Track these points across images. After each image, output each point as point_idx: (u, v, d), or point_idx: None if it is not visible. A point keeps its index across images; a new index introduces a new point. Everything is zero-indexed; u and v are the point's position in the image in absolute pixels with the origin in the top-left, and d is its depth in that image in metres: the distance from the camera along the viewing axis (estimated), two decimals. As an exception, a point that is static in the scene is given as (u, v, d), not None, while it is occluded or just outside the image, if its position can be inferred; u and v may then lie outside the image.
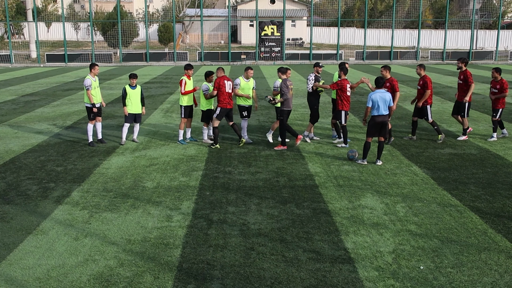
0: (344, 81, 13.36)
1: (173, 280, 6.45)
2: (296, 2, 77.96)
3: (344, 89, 13.31)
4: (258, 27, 51.88)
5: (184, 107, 14.03)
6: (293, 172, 11.29)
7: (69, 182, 10.66)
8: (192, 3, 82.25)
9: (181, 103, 14.07)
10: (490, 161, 12.15)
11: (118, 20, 51.24)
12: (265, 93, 25.12)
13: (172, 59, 51.90)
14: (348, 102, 13.54)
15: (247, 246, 7.44)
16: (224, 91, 13.31)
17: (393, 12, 53.08)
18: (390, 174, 11.13)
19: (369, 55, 53.18)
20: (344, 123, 13.56)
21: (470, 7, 72.10)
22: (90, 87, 13.69)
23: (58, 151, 13.45)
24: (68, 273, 6.64)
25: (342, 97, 13.41)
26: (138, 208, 9.09)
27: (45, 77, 36.45)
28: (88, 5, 67.46)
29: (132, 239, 7.71)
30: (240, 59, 52.03)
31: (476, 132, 15.53)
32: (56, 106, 21.59)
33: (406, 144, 13.99)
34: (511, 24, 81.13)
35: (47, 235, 7.89)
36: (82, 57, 51.50)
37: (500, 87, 14.20)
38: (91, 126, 14.03)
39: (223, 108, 13.36)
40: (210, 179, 10.80)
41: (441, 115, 18.68)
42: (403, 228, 8.09)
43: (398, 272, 6.63)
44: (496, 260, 6.98)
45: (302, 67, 44.17)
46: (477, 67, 44.64)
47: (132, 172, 11.43)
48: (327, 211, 8.88)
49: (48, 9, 79.77)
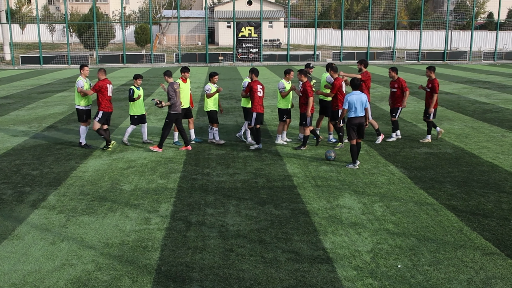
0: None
1: (152, 283, 6.42)
2: (273, 4, 78.21)
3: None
4: (236, 28, 51.87)
5: (186, 109, 14.05)
6: (272, 173, 11.31)
7: (45, 186, 10.53)
8: (169, 4, 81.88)
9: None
10: (465, 160, 12.33)
11: (94, 21, 50.77)
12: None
13: (149, 60, 51.59)
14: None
15: (226, 247, 7.43)
16: (106, 94, 13.30)
17: (369, 13, 53.54)
18: (368, 174, 11.22)
19: (346, 55, 53.55)
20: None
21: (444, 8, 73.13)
22: (82, 88, 13.57)
23: (34, 154, 13.27)
24: (45, 278, 6.56)
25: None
26: (115, 211, 9.01)
27: (19, 79, 35.92)
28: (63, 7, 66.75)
29: (110, 243, 7.64)
30: (217, 60, 51.95)
31: (451, 131, 15.74)
32: (31, 109, 21.30)
33: (383, 144, 14.12)
34: (484, 25, 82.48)
35: (22, 240, 7.78)
36: (58, 59, 50.88)
37: (398, 86, 14.10)
38: (84, 128, 13.96)
39: (105, 111, 13.32)
40: (188, 181, 10.76)
41: (417, 115, 18.90)
42: (380, 227, 8.17)
43: (376, 271, 6.69)
44: (472, 257, 7.08)
45: (279, 68, 44.29)
46: (452, 68, 45.28)
47: (110, 175, 11.33)
48: (305, 211, 8.92)
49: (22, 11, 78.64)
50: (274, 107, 20.13)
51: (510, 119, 17.89)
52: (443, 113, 19.26)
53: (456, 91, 26.45)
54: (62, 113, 19.79)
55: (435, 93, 14.11)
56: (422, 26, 54.03)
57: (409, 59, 54.21)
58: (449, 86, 28.90)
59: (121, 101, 23.29)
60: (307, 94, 13.09)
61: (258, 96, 13.28)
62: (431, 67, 14.41)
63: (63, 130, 16.47)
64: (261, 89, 13.37)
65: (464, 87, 28.42)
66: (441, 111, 19.75)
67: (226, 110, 20.35)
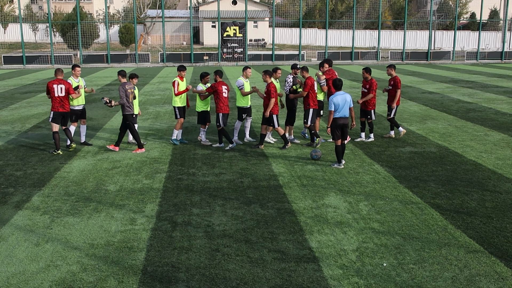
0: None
1: (138, 283, 6.39)
2: (258, 3, 78.25)
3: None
4: (220, 28, 51.81)
5: (179, 108, 14.02)
6: (257, 173, 11.31)
7: (29, 187, 10.43)
8: (153, 4, 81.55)
9: (174, 104, 14.09)
10: (449, 159, 12.45)
11: (78, 21, 50.38)
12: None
13: (134, 60, 51.31)
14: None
15: (212, 247, 7.42)
16: (53, 95, 13.12)
17: (353, 13, 53.79)
18: (353, 173, 11.28)
19: (330, 55, 53.72)
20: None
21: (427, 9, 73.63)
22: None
23: (17, 155, 13.13)
24: (29, 280, 6.50)
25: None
26: (101, 211, 8.96)
27: (2, 79, 35.53)
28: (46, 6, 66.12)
29: (95, 243, 7.60)
30: (202, 60, 51.85)
31: (435, 131, 15.88)
32: (14, 109, 21.08)
33: (368, 143, 14.19)
34: (467, 25, 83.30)
35: (6, 242, 7.69)
36: (41, 59, 50.40)
37: (369, 87, 14.12)
38: (74, 128, 13.97)
39: (54, 111, 13.16)
40: (174, 181, 10.73)
41: (401, 113, 19.03)
42: (366, 226, 8.21)
43: (362, 270, 6.73)
44: (456, 255, 7.15)
45: (264, 67, 44.31)
46: (435, 67, 45.66)
47: (94, 175, 11.25)
48: (291, 211, 8.94)
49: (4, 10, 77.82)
50: (260, 106, 20.12)
51: (492, 118, 18.09)
52: (426, 112, 19.43)
53: (439, 91, 26.68)
54: (46, 114, 19.60)
55: (397, 89, 14.31)
56: (406, 26, 54.44)
57: (393, 59, 54.56)
58: (433, 86, 29.15)
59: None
60: (269, 95, 13.18)
61: (224, 97, 13.36)
62: (391, 65, 14.59)
63: (47, 130, 16.31)
64: (226, 90, 13.45)
65: (448, 87, 28.69)
66: (425, 110, 19.92)
67: (212, 110, 20.31)
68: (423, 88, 27.84)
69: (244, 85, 13.82)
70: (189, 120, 17.85)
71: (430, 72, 39.78)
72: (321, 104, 14.35)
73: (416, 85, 29.46)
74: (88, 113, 19.69)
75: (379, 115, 18.31)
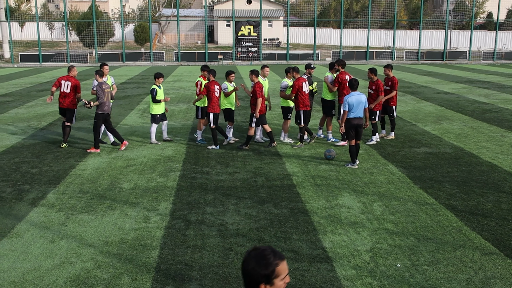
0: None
1: (151, 281, 6.42)
2: (272, 3, 78.12)
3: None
4: (235, 27, 51.85)
5: (202, 108, 14.06)
6: (271, 172, 11.31)
7: (45, 184, 10.52)
8: (168, 3, 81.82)
9: (197, 104, 14.14)
10: (465, 160, 12.34)
11: (94, 20, 50.72)
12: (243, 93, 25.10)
13: (149, 59, 51.54)
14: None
15: (225, 246, 7.43)
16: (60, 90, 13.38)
17: (368, 13, 53.54)
18: (367, 173, 11.23)
19: (345, 55, 53.52)
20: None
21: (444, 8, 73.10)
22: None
23: (33, 152, 13.26)
24: (44, 276, 6.56)
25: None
26: (115, 209, 9.01)
27: (19, 77, 35.88)
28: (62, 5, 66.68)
29: (109, 241, 7.64)
30: (217, 59, 51.92)
31: (451, 131, 15.75)
32: (30, 107, 21.28)
33: (383, 143, 14.12)
34: (483, 24, 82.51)
35: (22, 238, 7.77)
36: (57, 57, 50.82)
37: (376, 88, 13.92)
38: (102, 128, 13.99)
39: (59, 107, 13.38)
40: (187, 180, 10.76)
41: (416, 114, 18.91)
42: (380, 227, 8.17)
43: (375, 271, 6.70)
44: (471, 257, 7.09)
45: (279, 67, 44.25)
46: (451, 67, 45.30)
47: (109, 173, 11.33)
48: (304, 210, 8.92)
49: (22, 9, 78.58)
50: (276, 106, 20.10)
51: (509, 119, 17.90)
52: (442, 113, 19.28)
53: (455, 91, 26.46)
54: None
55: (394, 90, 14.20)
56: (421, 25, 54.07)
57: (409, 59, 54.22)
58: (449, 86, 28.92)
59: (121, 99, 23.29)
60: (255, 95, 13.15)
61: (216, 97, 13.37)
62: (388, 65, 14.43)
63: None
64: (218, 89, 13.46)
65: (464, 87, 28.44)
66: (440, 111, 19.77)
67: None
68: (438, 89, 27.63)
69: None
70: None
71: (445, 72, 39.47)
72: (333, 104, 14.29)
73: (431, 85, 29.25)
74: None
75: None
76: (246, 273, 2.89)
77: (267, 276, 2.84)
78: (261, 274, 2.83)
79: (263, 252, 2.89)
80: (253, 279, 2.86)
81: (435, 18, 75.50)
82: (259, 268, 2.85)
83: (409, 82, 31.36)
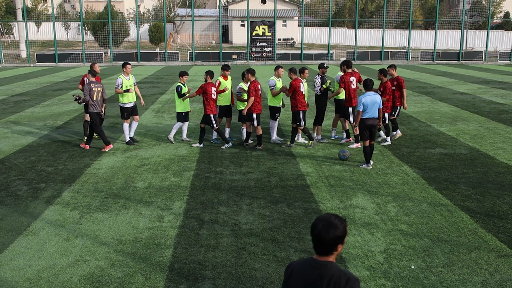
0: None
1: (165, 280, 6.44)
2: (287, 2, 78.02)
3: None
4: (249, 27, 51.86)
5: (220, 107, 14.06)
6: (285, 172, 11.30)
7: (60, 183, 10.61)
8: (183, 3, 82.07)
9: (217, 103, 14.14)
10: (480, 161, 12.23)
11: (109, 19, 51.04)
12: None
13: (163, 59, 51.75)
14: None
15: (238, 246, 7.44)
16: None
17: (383, 13, 53.25)
18: (381, 174, 11.17)
19: (360, 55, 53.32)
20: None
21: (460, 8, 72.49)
22: (120, 86, 13.73)
23: (49, 151, 13.38)
24: (59, 274, 6.62)
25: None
26: (129, 208, 9.06)
27: (35, 77, 36.23)
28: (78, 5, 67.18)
29: (123, 240, 7.69)
30: (231, 59, 51.98)
31: (466, 132, 15.62)
32: (46, 106, 21.47)
33: (397, 144, 14.04)
34: (500, 24, 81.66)
35: (37, 236, 7.85)
36: (73, 57, 51.24)
37: (383, 90, 13.60)
38: (127, 125, 14.07)
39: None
40: (201, 179, 10.79)
41: (431, 115, 18.77)
42: (394, 228, 8.12)
43: (389, 272, 6.66)
44: (486, 259, 7.02)
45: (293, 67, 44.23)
46: (467, 68, 44.90)
47: (123, 172, 11.39)
48: (318, 211, 8.90)
49: (38, 9, 79.25)
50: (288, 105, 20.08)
51: (526, 120, 17.70)
52: (457, 113, 19.12)
53: (471, 91, 26.22)
54: (77, 111, 19.92)
55: (402, 89, 14.02)
56: (437, 25, 53.66)
57: (424, 59, 53.85)
58: (464, 86, 28.67)
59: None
60: (249, 94, 13.16)
61: (212, 98, 13.38)
62: (392, 65, 14.14)
63: (78, 127, 16.58)
64: (215, 91, 13.48)
65: (480, 87, 28.18)
66: (455, 111, 19.61)
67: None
68: (454, 89, 27.40)
69: (276, 85, 13.78)
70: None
71: (461, 72, 39.13)
72: (343, 103, 14.23)
73: (447, 86, 29.01)
74: (118, 111, 19.95)
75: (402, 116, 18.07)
76: (327, 241, 3.43)
77: (342, 237, 3.44)
78: (339, 236, 3.41)
79: (332, 220, 3.46)
80: (333, 244, 3.43)
81: (451, 18, 74.87)
82: (337, 233, 3.41)
83: (424, 82, 31.14)
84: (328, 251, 3.46)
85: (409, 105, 20.93)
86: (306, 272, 3.51)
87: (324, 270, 3.44)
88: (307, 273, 3.51)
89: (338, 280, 3.38)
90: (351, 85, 13.55)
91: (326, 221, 3.45)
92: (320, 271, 3.45)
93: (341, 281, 3.37)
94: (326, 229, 3.42)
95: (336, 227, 3.43)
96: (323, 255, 3.49)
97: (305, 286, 3.48)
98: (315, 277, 3.45)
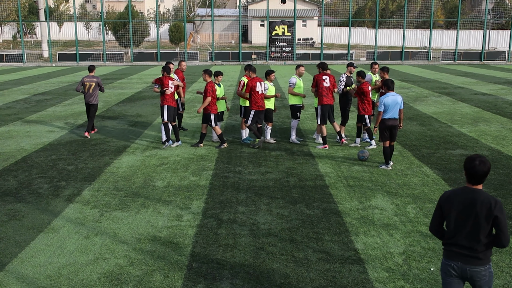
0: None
1: (183, 279, 6.47)
2: (307, 2, 77.88)
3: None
4: (269, 27, 51.85)
5: (245, 108, 14.09)
6: (303, 172, 11.27)
7: (80, 181, 10.72)
8: (203, 3, 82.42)
9: (241, 104, 14.20)
10: (502, 163, 12.06)
11: (130, 19, 51.45)
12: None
13: (183, 58, 52.00)
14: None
15: (257, 246, 7.44)
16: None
17: (404, 12, 52.83)
18: (401, 175, 11.08)
19: (380, 55, 52.97)
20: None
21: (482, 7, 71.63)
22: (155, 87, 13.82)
23: (70, 150, 13.53)
24: (79, 271, 6.68)
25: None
26: (148, 207, 9.12)
27: (56, 76, 36.67)
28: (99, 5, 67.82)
29: (142, 238, 7.74)
30: (250, 59, 52.02)
31: (488, 133, 15.42)
32: (67, 105, 21.72)
33: (417, 144, 13.91)
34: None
35: (58, 233, 7.94)
36: (94, 57, 51.76)
37: (362, 92, 13.15)
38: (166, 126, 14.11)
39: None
40: (220, 179, 10.81)
41: (452, 115, 18.57)
42: (413, 229, 8.05)
43: (408, 274, 6.61)
44: (508, 262, 6.93)
45: (313, 67, 44.06)
46: (489, 68, 44.34)
47: (143, 171, 11.47)
48: (337, 211, 8.86)
49: (60, 9, 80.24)
50: (309, 105, 20.02)
51: (549, 121, 17.41)
52: (479, 114, 18.89)
53: (493, 92, 25.88)
54: (97, 110, 20.10)
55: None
56: (459, 25, 53.04)
57: (445, 59, 53.30)
58: (486, 87, 28.31)
59: (155, 98, 23.54)
60: (206, 94, 13.13)
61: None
62: (384, 67, 13.43)
63: (98, 126, 16.74)
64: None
65: (502, 88, 27.79)
66: (477, 112, 19.37)
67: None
68: (475, 90, 27.07)
69: (296, 83, 13.75)
70: (236, 118, 17.96)
71: (483, 73, 38.64)
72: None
73: (468, 86, 28.67)
74: (138, 110, 20.12)
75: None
76: (480, 173, 4.53)
77: (488, 172, 4.53)
78: (488, 170, 4.52)
79: (485, 158, 4.57)
80: (484, 175, 4.53)
81: (473, 18, 74.00)
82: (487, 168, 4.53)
83: (445, 83, 30.82)
84: (480, 181, 4.57)
85: (430, 106, 20.74)
86: (463, 196, 4.62)
87: (477, 195, 4.55)
88: (463, 197, 4.61)
89: (488, 203, 4.49)
90: (324, 82, 13.25)
91: (481, 158, 4.53)
92: (474, 195, 4.57)
93: (491, 203, 4.49)
94: (482, 164, 4.52)
95: (488, 164, 4.54)
96: (475, 184, 4.60)
97: (463, 207, 4.59)
98: (470, 200, 4.57)
